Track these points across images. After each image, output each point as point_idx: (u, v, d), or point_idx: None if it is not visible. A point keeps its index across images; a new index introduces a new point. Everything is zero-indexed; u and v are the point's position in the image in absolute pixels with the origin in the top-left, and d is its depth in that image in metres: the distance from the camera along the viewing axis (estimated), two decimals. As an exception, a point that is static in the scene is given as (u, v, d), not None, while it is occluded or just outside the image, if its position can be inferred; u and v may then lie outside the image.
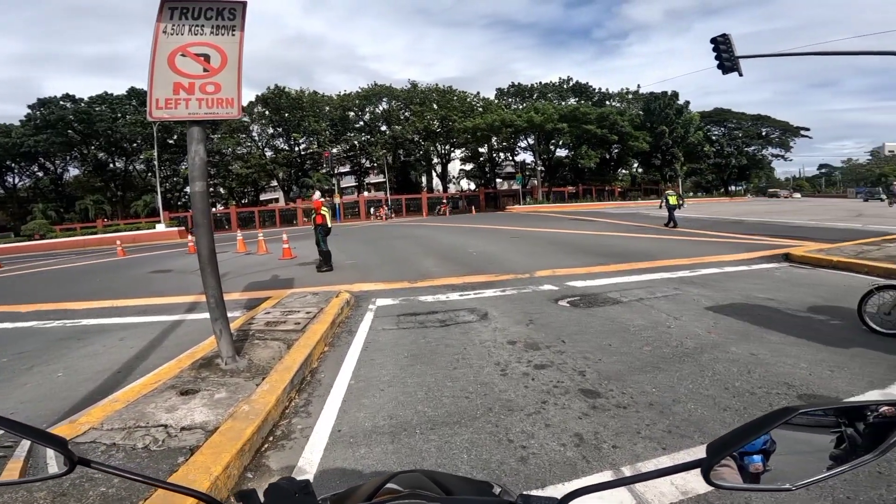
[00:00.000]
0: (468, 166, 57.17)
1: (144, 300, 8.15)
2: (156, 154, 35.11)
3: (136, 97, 45.98)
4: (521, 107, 50.34)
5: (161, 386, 3.61)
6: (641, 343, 4.50)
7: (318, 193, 11.44)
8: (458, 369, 4.06)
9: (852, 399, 3.16)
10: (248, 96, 47.17)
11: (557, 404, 3.28)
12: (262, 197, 57.17)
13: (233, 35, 3.81)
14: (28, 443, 0.74)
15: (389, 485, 0.89)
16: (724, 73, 13.75)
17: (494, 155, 54.25)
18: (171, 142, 44.87)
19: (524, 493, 0.74)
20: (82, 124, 43.70)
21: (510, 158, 55.00)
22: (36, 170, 48.54)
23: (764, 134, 64.11)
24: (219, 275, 4.05)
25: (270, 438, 3.06)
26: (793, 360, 3.85)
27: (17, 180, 48.88)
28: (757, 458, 0.65)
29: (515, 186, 48.89)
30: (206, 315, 4.17)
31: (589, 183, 51.40)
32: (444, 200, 44.36)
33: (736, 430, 0.64)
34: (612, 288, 6.96)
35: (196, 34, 3.73)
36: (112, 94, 46.36)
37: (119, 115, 44.94)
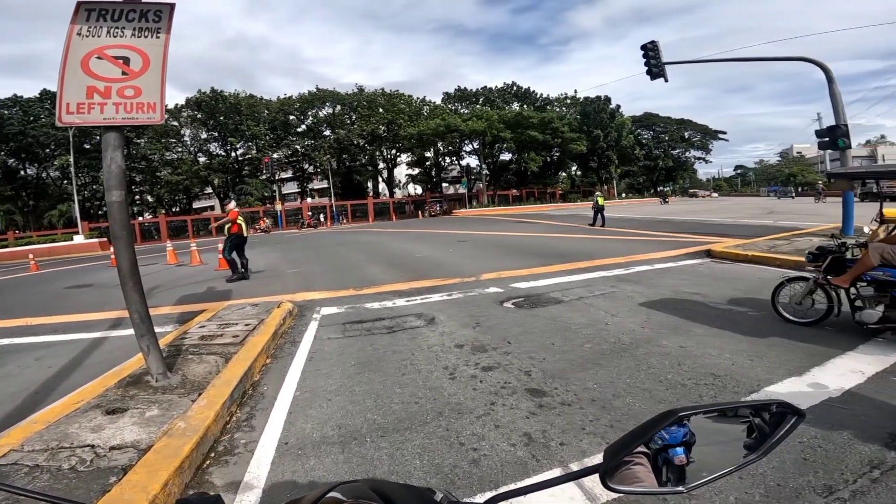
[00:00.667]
0: (415, 171, 57.20)
1: (62, 317, 7.46)
2: (72, 160, 32.29)
3: (50, 99, 42.03)
4: (466, 111, 51.11)
5: (84, 406, 3.35)
6: (582, 341, 4.68)
7: (233, 203, 11.22)
8: (407, 375, 4.04)
9: (769, 388, 3.44)
10: (179, 98, 44.58)
11: (506, 405, 3.34)
12: (196, 205, 54.16)
13: (157, 37, 3.63)
14: None
15: (331, 494, 0.87)
16: (652, 79, 14.55)
17: (441, 159, 54.65)
18: (88, 147, 41.40)
19: (452, 500, 0.76)
20: (-11, 128, 39.37)
21: (456, 162, 55.64)
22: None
23: (687, 137, 68.87)
24: (142, 288, 3.81)
25: (212, 454, 2.92)
26: (717, 352, 4.15)
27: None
28: (680, 450, 0.68)
29: (462, 190, 49.54)
30: (132, 331, 3.90)
31: (532, 186, 53.03)
32: (429, 201, 44.33)
33: (628, 434, 0.68)
34: (555, 288, 7.20)
35: (115, 36, 3.54)
36: (23, 97, 42.21)
37: (31, 118, 40.97)
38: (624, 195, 62.72)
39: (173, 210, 47.24)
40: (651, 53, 14.37)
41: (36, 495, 0.66)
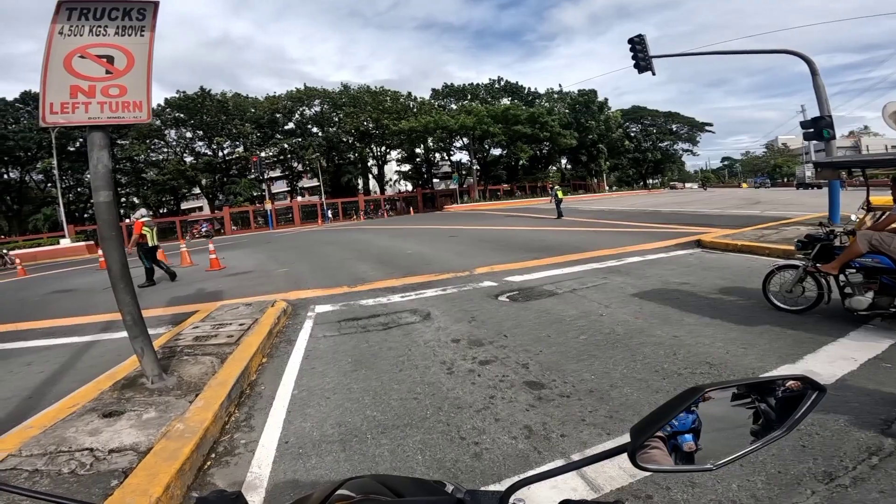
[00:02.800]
0: (405, 167, 56.97)
1: (51, 322, 7.35)
2: (55, 163, 31.69)
3: (32, 101, 41.15)
4: (455, 107, 50.96)
5: (80, 409, 3.31)
6: (577, 332, 4.72)
7: (140, 212, 11.48)
8: (404, 371, 4.04)
9: (764, 375, 3.50)
10: (161, 99, 43.79)
11: (504, 398, 3.36)
12: (184, 206, 53.51)
13: (141, 36, 3.56)
14: None
15: (340, 491, 0.87)
16: (639, 72, 14.67)
17: (430, 155, 54.49)
18: (72, 149, 40.64)
19: (470, 489, 0.75)
20: (-33, 131, 38.43)
21: (446, 158, 55.52)
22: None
23: (675, 130, 69.37)
24: (134, 290, 3.77)
25: (213, 456, 2.90)
26: (710, 340, 4.21)
27: None
28: (688, 437, 0.69)
29: (452, 186, 49.47)
30: (124, 334, 3.85)
31: (522, 180, 53.13)
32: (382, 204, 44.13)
33: (653, 412, 0.68)
34: (547, 281, 7.23)
35: (98, 35, 3.46)
36: (3, 99, 41.24)
37: (11, 120, 40.07)
38: (614, 188, 63.12)
39: (161, 211, 46.57)
40: (638, 47, 14.48)
41: (44, 496, 0.66)
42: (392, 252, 12.78)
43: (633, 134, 65.50)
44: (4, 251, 26.21)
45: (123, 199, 45.51)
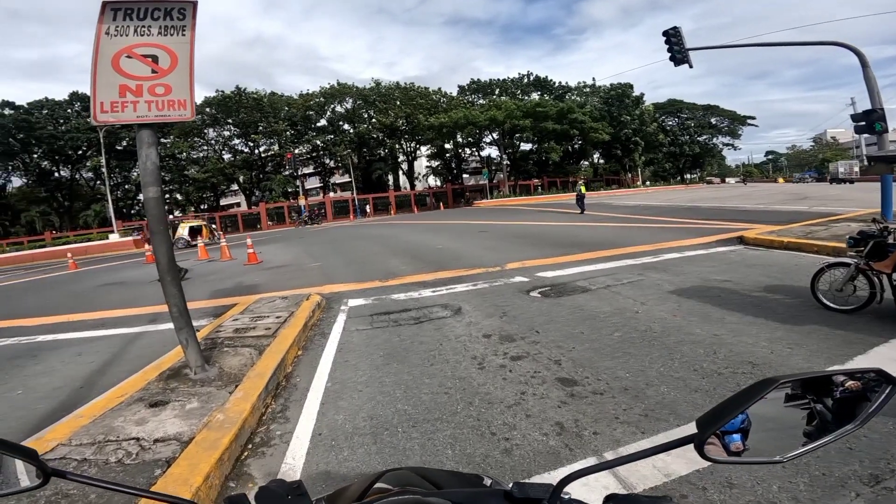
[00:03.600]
0: (434, 163, 57.12)
1: (101, 313, 7.76)
2: (104, 161, 33.34)
3: (79, 101, 43.47)
4: (483, 102, 50.66)
5: (128, 399, 3.47)
6: (611, 329, 4.62)
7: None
8: (435, 365, 4.06)
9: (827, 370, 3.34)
10: (199, 97, 45.41)
11: (536, 394, 3.33)
12: (223, 202, 55.32)
13: (183, 35, 3.67)
14: None
15: (379, 484, 0.88)
16: (675, 65, 14.23)
17: (460, 151, 54.41)
18: (119, 148, 42.71)
19: (517, 481, 0.74)
20: (23, 132, 40.98)
21: (476, 154, 55.32)
22: (-28, 182, 45.22)
23: (714, 123, 66.79)
24: (180, 283, 3.92)
25: (249, 446, 2.99)
26: (753, 340, 4.04)
27: (-49, 194, 45.44)
28: (737, 437, 0.67)
29: (482, 181, 49.25)
30: (169, 325, 4.02)
31: (553, 175, 52.36)
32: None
33: (722, 403, 0.66)
34: (580, 277, 7.11)
35: (142, 35, 3.58)
36: (53, 100, 43.69)
37: (61, 120, 42.43)
38: (648, 182, 61.40)
39: (201, 207, 48.36)
40: (673, 39, 14.04)
41: (98, 483, 0.69)
42: (423, 247, 12.85)
43: (668, 127, 63.49)
44: (213, 226, 28.19)
45: (168, 196, 47.53)
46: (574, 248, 9.97)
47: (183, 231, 24.83)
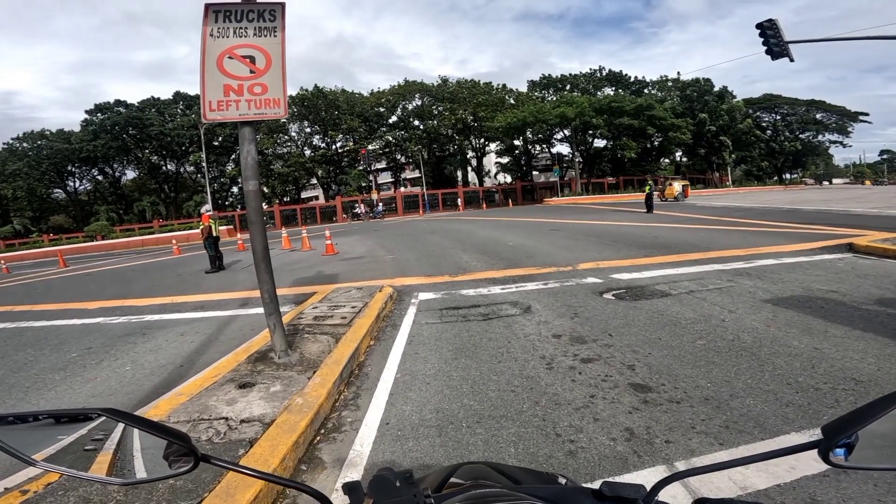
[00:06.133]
0: (504, 159, 56.62)
1: (201, 296, 8.56)
2: (204, 156, 36.67)
3: (182, 100, 48.12)
4: (553, 98, 49.33)
5: (221, 379, 3.78)
6: (694, 337, 4.34)
7: (206, 206, 13.16)
8: (503, 363, 4.05)
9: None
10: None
11: (606, 398, 3.22)
12: (303, 195, 58.68)
13: (274, 36, 3.88)
14: (117, 436, 0.72)
15: (454, 479, 0.89)
16: (773, 59, 13.15)
17: (530, 147, 53.47)
18: (216, 143, 46.79)
19: (607, 480, 0.72)
20: (135, 129, 46.23)
21: (546, 150, 54.06)
22: (96, 174, 51.84)
23: (819, 119, 60.07)
24: (272, 271, 4.19)
25: (322, 431, 3.14)
26: (859, 356, 3.62)
27: (77, 184, 52.41)
28: (841, 451, 0.61)
29: (553, 178, 48.09)
30: (258, 310, 4.32)
31: (630, 174, 49.89)
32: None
33: (852, 412, 0.60)
34: (660, 280, 6.74)
35: (241, 36, 3.81)
36: (159, 99, 48.74)
37: (168, 118, 47.27)
38: (738, 182, 56.65)
39: (284, 200, 51.69)
40: (769, 32, 12.93)
41: (241, 469, 0.72)
42: (493, 243, 12.82)
43: (764, 124, 58.03)
44: (377, 201, 29.74)
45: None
46: (652, 250, 9.45)
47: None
